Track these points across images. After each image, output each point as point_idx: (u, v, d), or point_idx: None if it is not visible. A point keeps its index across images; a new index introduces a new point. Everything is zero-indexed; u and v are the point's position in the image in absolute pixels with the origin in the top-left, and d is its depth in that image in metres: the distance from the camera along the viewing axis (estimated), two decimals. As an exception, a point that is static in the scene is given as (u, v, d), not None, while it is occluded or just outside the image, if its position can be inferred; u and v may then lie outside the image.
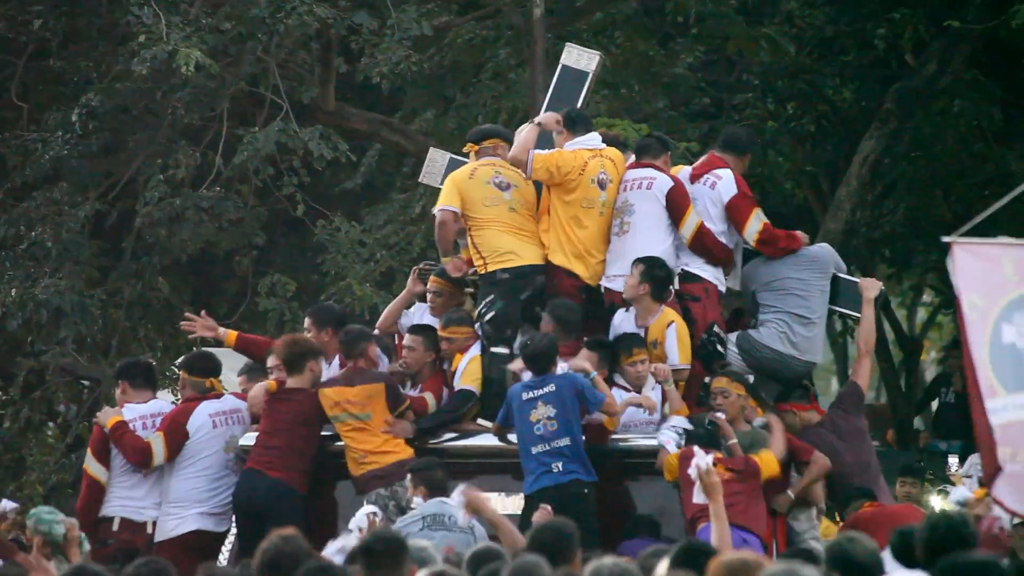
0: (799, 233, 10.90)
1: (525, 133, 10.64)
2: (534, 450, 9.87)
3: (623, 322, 10.60)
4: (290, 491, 10.16)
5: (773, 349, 10.61)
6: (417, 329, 10.74)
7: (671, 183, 10.65)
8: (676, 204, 10.64)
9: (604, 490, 9.98)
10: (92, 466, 10.60)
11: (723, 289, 10.92)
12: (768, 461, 10.00)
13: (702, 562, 5.98)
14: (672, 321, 10.45)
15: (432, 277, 11.02)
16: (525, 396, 9.97)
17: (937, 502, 12.38)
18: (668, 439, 9.96)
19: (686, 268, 10.73)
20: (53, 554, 8.95)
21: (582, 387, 9.93)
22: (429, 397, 10.54)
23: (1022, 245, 8.07)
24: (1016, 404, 7.87)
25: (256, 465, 10.25)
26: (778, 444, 10.13)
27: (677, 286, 10.69)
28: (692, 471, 8.11)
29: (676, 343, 10.43)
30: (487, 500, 8.65)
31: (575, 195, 10.60)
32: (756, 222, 10.74)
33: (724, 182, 10.78)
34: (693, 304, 10.63)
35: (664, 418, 10.27)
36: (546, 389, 9.93)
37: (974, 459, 9.66)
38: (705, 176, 10.85)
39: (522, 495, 9.98)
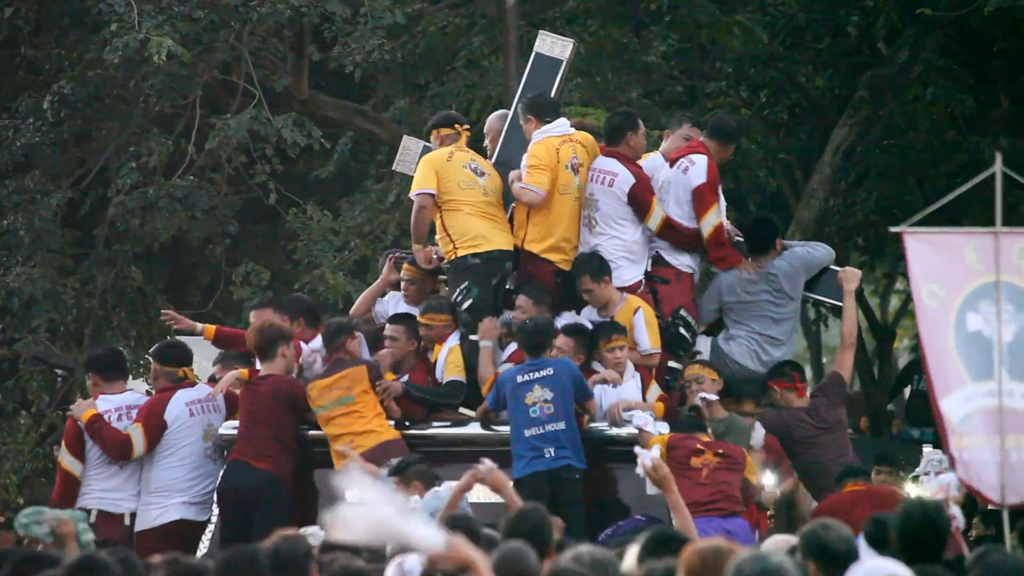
0: (740, 258, 10.86)
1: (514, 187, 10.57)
2: (527, 433, 9.84)
3: (591, 310, 10.63)
4: (277, 481, 10.13)
5: (743, 366, 10.69)
6: (398, 319, 10.71)
7: (632, 180, 10.63)
8: (639, 202, 10.65)
9: (587, 476, 9.97)
10: (66, 459, 10.55)
11: (696, 276, 10.95)
12: (752, 466, 10.05)
13: (673, 549, 5.98)
14: (639, 307, 10.49)
15: (405, 265, 11.02)
16: (520, 378, 9.93)
17: (912, 489, 12.41)
18: (644, 420, 9.96)
19: (660, 252, 10.76)
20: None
21: (578, 375, 9.93)
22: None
23: (984, 233, 8.08)
24: (984, 391, 7.90)
25: (241, 456, 10.21)
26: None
27: (648, 268, 10.71)
28: (639, 470, 8.11)
29: (645, 328, 10.46)
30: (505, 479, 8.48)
31: (553, 183, 10.60)
32: (714, 216, 10.75)
33: (696, 168, 10.79)
34: (661, 286, 10.70)
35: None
36: (543, 372, 9.91)
37: (931, 455, 9.71)
38: (681, 160, 10.85)
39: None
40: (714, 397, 10.17)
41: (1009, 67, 17.78)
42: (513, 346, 10.56)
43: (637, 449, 8.31)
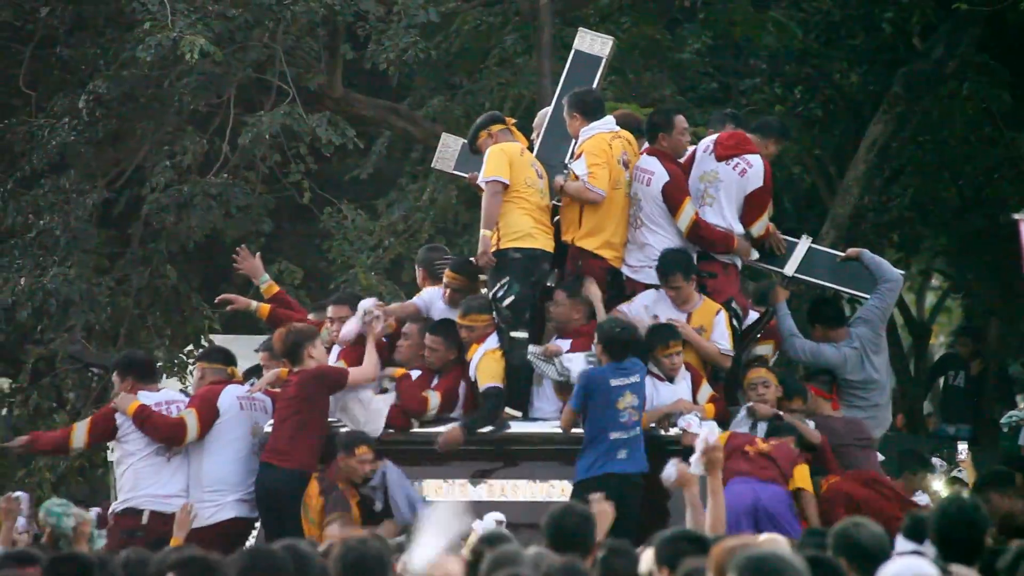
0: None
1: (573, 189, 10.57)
2: (612, 435, 9.86)
3: (657, 303, 10.57)
4: (303, 477, 10.16)
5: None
6: (437, 329, 10.66)
7: (666, 178, 10.61)
8: (671, 199, 10.63)
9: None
10: (79, 430, 10.63)
11: (739, 266, 10.93)
12: (803, 475, 10.06)
13: (691, 550, 5.97)
14: (720, 309, 10.53)
15: (447, 272, 10.96)
16: (615, 382, 9.94)
17: (940, 486, 12.37)
18: (688, 422, 9.97)
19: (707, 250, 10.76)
20: (62, 546, 8.94)
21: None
22: (433, 396, 10.50)
23: None
24: None
25: (268, 459, 10.27)
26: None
27: (695, 262, 10.71)
28: (700, 443, 8.10)
29: (726, 329, 10.50)
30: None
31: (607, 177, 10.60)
32: (761, 226, 10.79)
33: (754, 171, 10.76)
34: (710, 280, 10.66)
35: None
36: (632, 379, 9.95)
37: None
38: (735, 159, 10.77)
39: (538, 481, 9.99)
40: (696, 428, 10.05)
41: (1045, 62, 17.70)
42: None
43: (704, 424, 8.29)
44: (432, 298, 11.01)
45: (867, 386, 10.85)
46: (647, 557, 6.35)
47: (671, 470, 8.18)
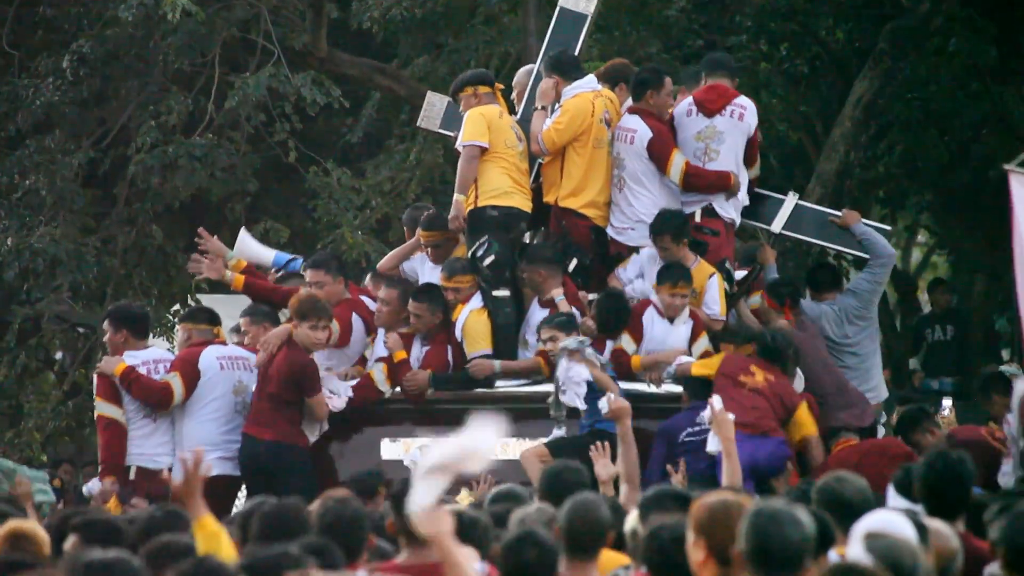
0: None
1: (534, 122, 10.55)
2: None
3: (650, 264, 10.58)
4: (286, 447, 10.18)
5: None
6: (419, 295, 10.61)
7: (650, 134, 10.58)
8: (656, 155, 10.60)
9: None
10: (106, 409, 10.53)
11: (737, 224, 10.95)
12: (805, 418, 10.07)
13: (674, 507, 5.99)
14: (714, 273, 10.51)
15: (419, 232, 10.93)
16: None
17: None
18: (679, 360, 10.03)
19: (712, 204, 10.70)
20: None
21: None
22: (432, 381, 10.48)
23: None
24: None
25: (248, 429, 10.31)
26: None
27: (698, 219, 10.67)
28: (706, 412, 8.13)
29: (718, 294, 10.49)
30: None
31: (589, 136, 10.57)
32: (757, 168, 10.83)
33: (749, 110, 10.81)
34: (712, 238, 10.64)
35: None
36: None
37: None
38: (729, 107, 10.76)
39: (533, 440, 10.03)
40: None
41: (1031, 17, 17.67)
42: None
43: (714, 398, 8.31)
44: (415, 265, 11.03)
45: (841, 348, 10.89)
46: (632, 515, 6.37)
47: (604, 403, 8.25)
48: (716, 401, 8.09)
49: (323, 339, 10.29)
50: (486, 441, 5.32)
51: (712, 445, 8.29)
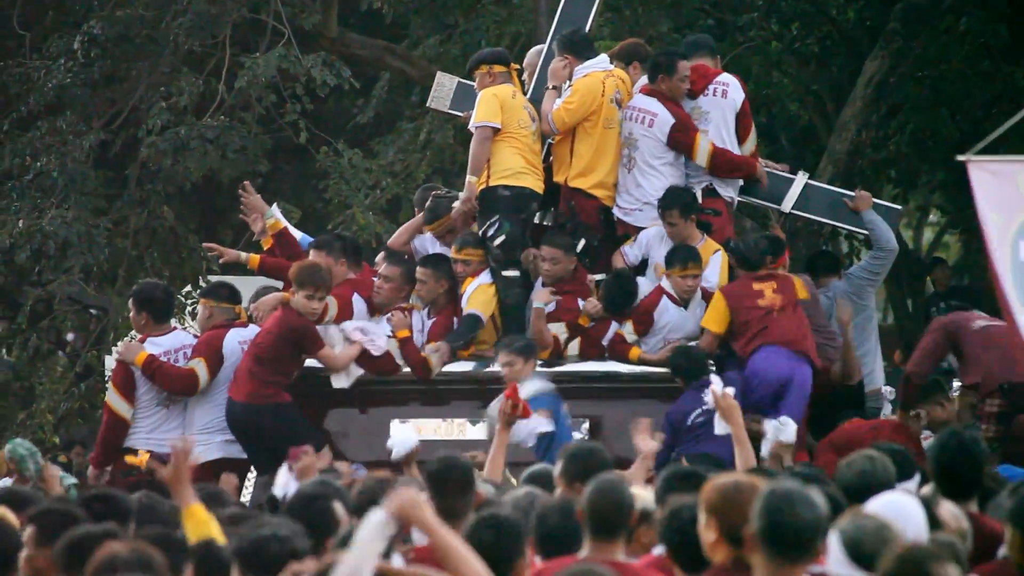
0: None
1: (545, 102, 10.55)
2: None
3: (657, 243, 10.56)
4: (256, 409, 10.10)
5: None
6: (426, 261, 10.65)
7: (671, 120, 10.56)
8: (681, 141, 10.60)
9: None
10: (115, 401, 10.40)
11: (736, 203, 10.98)
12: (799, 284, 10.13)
13: (693, 486, 5.99)
14: (718, 250, 10.52)
15: (424, 226, 10.92)
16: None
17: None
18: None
19: (713, 184, 10.72)
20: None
21: None
22: (435, 357, 10.35)
23: None
24: None
25: (228, 391, 10.30)
26: None
27: (700, 200, 10.68)
28: (708, 398, 8.13)
29: (719, 269, 10.48)
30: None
31: (599, 116, 10.56)
32: (752, 141, 10.81)
33: (733, 86, 10.83)
34: (715, 219, 10.63)
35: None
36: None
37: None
38: (711, 86, 10.78)
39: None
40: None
41: (1044, -4, 17.61)
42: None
43: (712, 376, 8.28)
44: (426, 243, 11.03)
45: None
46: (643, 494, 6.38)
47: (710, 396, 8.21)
48: (716, 384, 8.08)
49: (317, 309, 10.16)
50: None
51: (720, 428, 8.27)
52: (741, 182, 10.89)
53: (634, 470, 8.07)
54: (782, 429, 9.05)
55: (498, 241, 10.44)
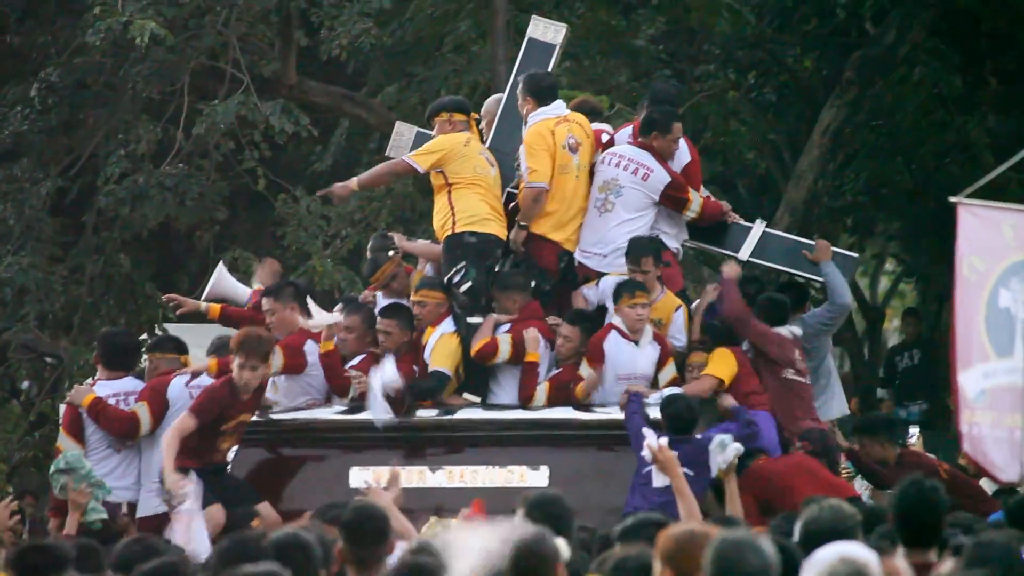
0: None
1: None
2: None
3: (591, 293, 10.61)
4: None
5: None
6: (389, 312, 10.58)
7: (667, 179, 10.62)
8: (675, 199, 10.67)
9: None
10: (64, 443, 10.45)
11: (680, 255, 11.10)
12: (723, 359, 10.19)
13: (651, 535, 6.00)
14: (680, 306, 10.55)
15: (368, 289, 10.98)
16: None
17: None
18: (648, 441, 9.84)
19: (661, 236, 10.77)
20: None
21: None
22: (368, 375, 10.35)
23: (1018, 210, 8.07)
24: (1005, 369, 7.90)
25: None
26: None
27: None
28: (645, 453, 8.11)
29: (683, 325, 10.53)
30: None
31: (554, 164, 10.60)
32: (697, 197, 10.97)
33: (681, 149, 10.89)
34: (665, 269, 10.68)
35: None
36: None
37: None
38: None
39: (496, 467, 10.02)
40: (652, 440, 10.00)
41: (995, 46, 17.80)
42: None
43: (645, 430, 8.28)
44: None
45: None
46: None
47: (647, 452, 8.14)
48: (652, 439, 8.08)
49: (247, 379, 9.92)
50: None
51: (659, 480, 8.28)
52: (687, 235, 10.95)
53: None
54: (721, 451, 9.10)
55: (464, 287, 10.45)
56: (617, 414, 10.09)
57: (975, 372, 7.89)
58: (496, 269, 10.74)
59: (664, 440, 8.04)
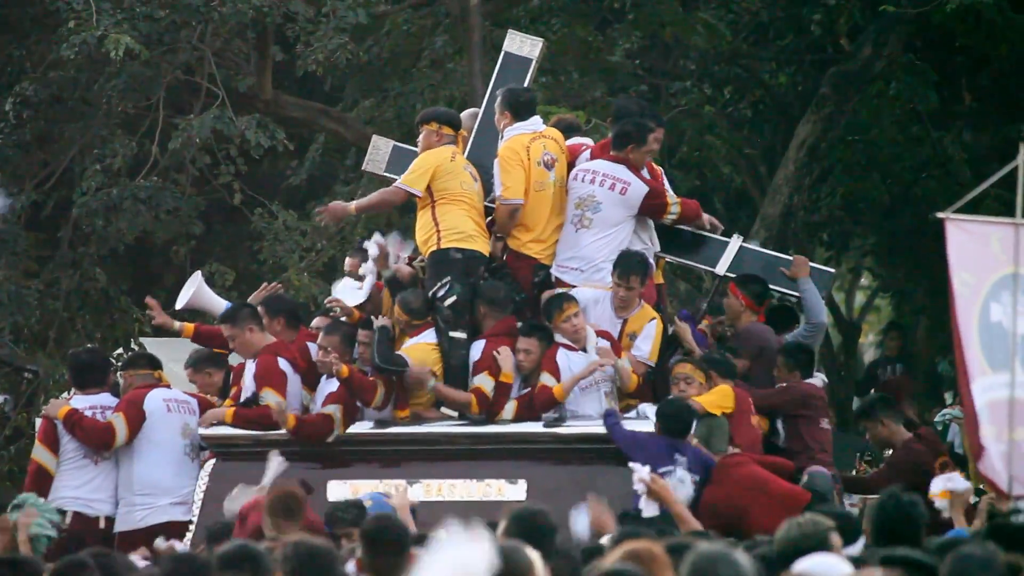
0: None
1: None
2: None
3: (593, 306, 10.56)
4: None
5: None
6: (368, 325, 10.57)
7: (645, 189, 10.62)
8: (655, 206, 10.68)
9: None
10: (41, 455, 10.48)
11: (653, 271, 11.04)
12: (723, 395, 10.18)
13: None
14: (654, 318, 10.53)
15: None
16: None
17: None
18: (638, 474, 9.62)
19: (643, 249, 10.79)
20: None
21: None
22: (335, 411, 10.35)
23: (1009, 224, 8.07)
24: (1001, 383, 7.90)
25: None
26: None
27: None
28: (638, 486, 8.10)
29: (653, 338, 10.49)
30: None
31: (529, 181, 10.60)
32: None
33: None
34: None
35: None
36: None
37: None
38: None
39: (474, 480, 10.00)
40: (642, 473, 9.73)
41: (971, 62, 17.87)
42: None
43: (632, 464, 8.23)
44: (345, 290, 11.05)
45: None
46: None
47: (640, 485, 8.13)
48: (639, 471, 8.05)
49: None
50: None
51: (649, 511, 8.25)
52: (658, 247, 10.95)
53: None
54: (679, 487, 9.08)
55: (448, 302, 10.43)
56: (595, 428, 10.09)
57: (976, 387, 7.89)
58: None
59: (647, 470, 8.04)
